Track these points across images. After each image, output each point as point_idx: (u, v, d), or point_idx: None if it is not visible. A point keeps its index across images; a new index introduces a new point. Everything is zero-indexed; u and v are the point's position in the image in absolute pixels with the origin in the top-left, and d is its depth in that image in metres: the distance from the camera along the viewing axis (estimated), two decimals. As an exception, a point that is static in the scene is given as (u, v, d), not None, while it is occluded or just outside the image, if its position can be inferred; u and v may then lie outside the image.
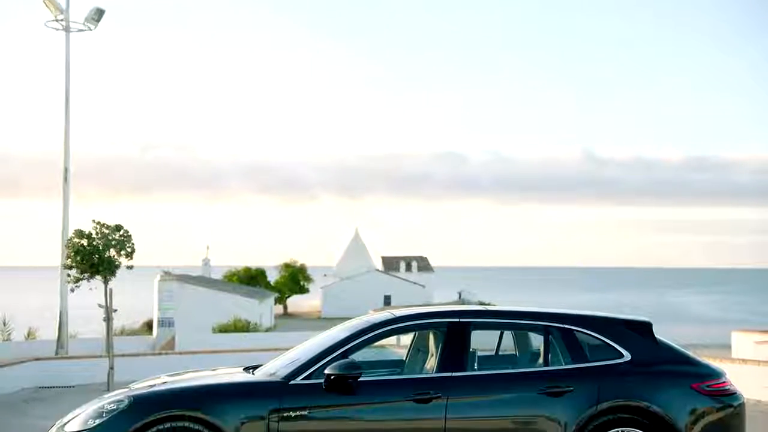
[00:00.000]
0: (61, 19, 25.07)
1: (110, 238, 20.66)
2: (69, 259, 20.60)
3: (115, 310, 16.59)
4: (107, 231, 20.78)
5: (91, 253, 20.27)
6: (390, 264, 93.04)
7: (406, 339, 7.66)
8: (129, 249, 20.93)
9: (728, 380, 6.67)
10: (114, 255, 20.58)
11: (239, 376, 6.60)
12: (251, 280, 75.79)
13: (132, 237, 21.17)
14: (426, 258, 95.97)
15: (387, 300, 75.63)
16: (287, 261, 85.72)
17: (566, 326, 6.61)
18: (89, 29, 25.38)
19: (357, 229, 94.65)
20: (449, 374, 6.26)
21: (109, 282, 20.20)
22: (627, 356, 6.51)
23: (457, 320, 6.57)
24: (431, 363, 6.61)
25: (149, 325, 49.88)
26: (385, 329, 6.54)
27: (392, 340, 7.96)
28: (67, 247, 20.84)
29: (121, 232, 20.96)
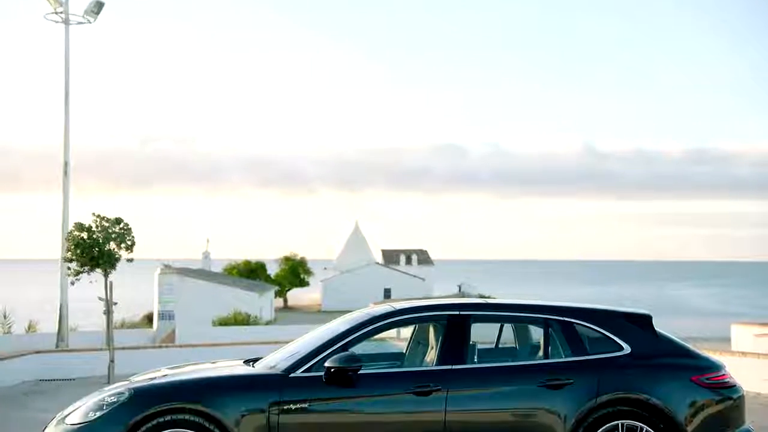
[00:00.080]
0: (61, 12, 25.00)
1: (110, 231, 20.66)
2: (69, 252, 20.60)
3: (116, 303, 16.60)
4: (107, 224, 20.78)
5: (91, 246, 20.28)
6: (390, 257, 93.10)
7: (406, 332, 7.67)
8: (129, 242, 20.93)
9: (728, 373, 6.67)
10: (114, 248, 20.59)
11: (239, 369, 6.60)
12: (251, 274, 75.82)
13: (132, 230, 21.17)
14: (426, 251, 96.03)
15: (387, 293, 75.66)
16: (287, 254, 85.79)
17: (566, 319, 6.61)
18: (89, 22, 25.32)
19: (357, 223, 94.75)
20: (449, 367, 6.27)
21: (109, 275, 20.21)
22: (627, 349, 6.52)
23: (457, 313, 6.57)
24: (431, 356, 6.62)
25: (149, 318, 49.93)
26: (385, 322, 6.54)
27: (392, 333, 7.97)
28: (67, 240, 20.85)
29: (121, 225, 20.96)
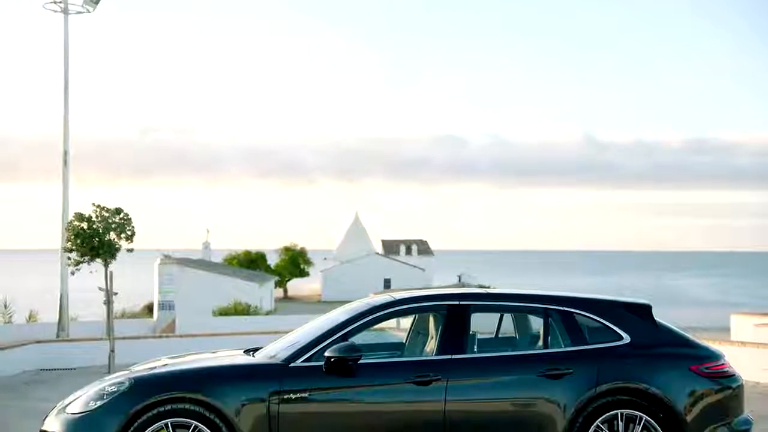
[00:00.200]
0: (60, 1, 24.93)
1: (110, 222, 20.67)
2: (69, 243, 20.62)
3: (116, 293, 16.63)
4: (107, 214, 20.80)
5: (91, 237, 20.30)
6: (390, 247, 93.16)
7: (406, 322, 7.68)
8: (129, 232, 20.95)
9: (727, 362, 6.68)
10: (114, 238, 20.61)
11: (240, 359, 6.62)
12: (251, 264, 75.85)
13: (132, 220, 21.19)
14: (426, 241, 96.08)
15: (387, 283, 75.73)
16: (287, 244, 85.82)
17: (566, 309, 6.62)
18: (88, 11, 25.26)
19: (357, 213, 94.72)
20: (449, 357, 6.28)
21: (110, 265, 20.23)
22: (626, 338, 6.53)
23: (457, 303, 6.58)
24: (431, 345, 6.63)
25: (149, 309, 49.98)
26: (385, 312, 6.55)
27: (392, 323, 7.98)
28: (67, 231, 20.86)
29: (121, 216, 20.98)
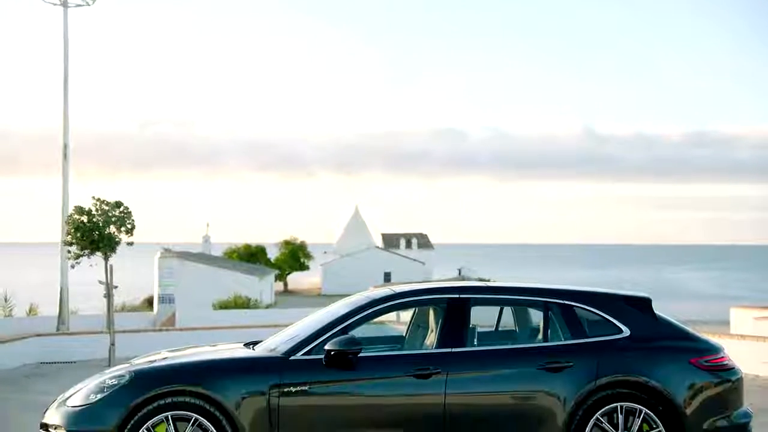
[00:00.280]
0: (59, -5, 24.90)
1: (110, 215, 20.65)
2: (69, 236, 20.61)
3: (116, 287, 16.63)
4: (107, 207, 20.78)
5: (91, 230, 20.28)
6: (390, 241, 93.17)
7: (406, 315, 7.68)
8: (129, 225, 20.93)
9: (726, 355, 6.69)
10: (114, 231, 20.60)
11: (240, 352, 6.62)
12: (251, 257, 75.91)
13: (132, 213, 21.18)
14: (426, 235, 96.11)
15: (387, 277, 75.77)
16: (287, 238, 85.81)
17: (566, 302, 6.62)
18: (87, 4, 25.23)
19: (357, 207, 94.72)
20: (449, 350, 6.28)
21: (110, 258, 20.23)
22: (626, 332, 6.53)
23: (457, 296, 6.58)
24: (431, 339, 6.63)
25: (150, 302, 50.02)
26: (385, 305, 6.55)
27: (392, 317, 7.98)
28: (67, 224, 20.85)
29: (121, 209, 20.96)
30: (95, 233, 20.24)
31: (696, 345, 6.62)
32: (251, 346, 6.79)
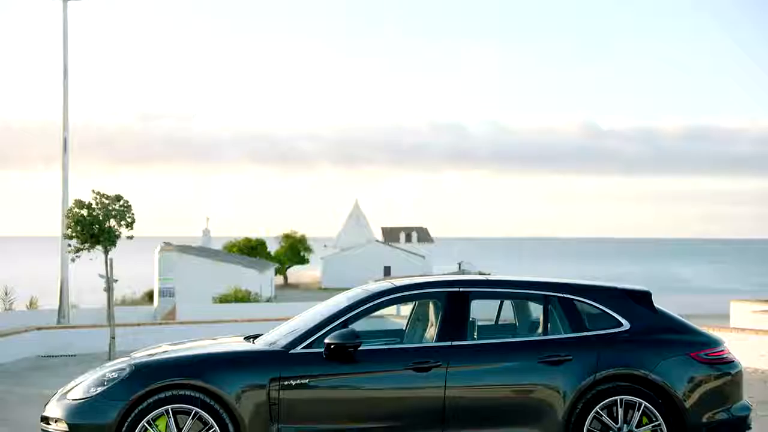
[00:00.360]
0: (59, -12, 24.85)
1: (110, 209, 20.69)
2: (69, 230, 20.64)
3: (116, 280, 16.63)
4: (107, 201, 20.81)
5: (92, 224, 20.32)
6: (390, 235, 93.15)
7: (406, 309, 7.68)
8: (129, 219, 20.98)
9: (726, 349, 6.70)
10: (114, 225, 20.63)
11: (240, 346, 6.62)
12: (251, 251, 75.83)
13: (132, 207, 21.20)
14: (426, 229, 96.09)
15: (387, 271, 75.77)
16: (287, 232, 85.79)
17: (566, 295, 6.62)
18: (87, -2, 25.17)
19: (357, 200, 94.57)
20: (449, 343, 6.29)
21: (110, 252, 20.26)
22: (626, 325, 6.53)
23: (457, 290, 6.58)
24: (431, 332, 6.63)
25: (150, 296, 50.05)
26: (385, 299, 6.55)
27: (392, 310, 7.99)
28: (68, 218, 20.87)
29: (121, 203, 21.00)
30: (95, 227, 20.27)
31: (696, 338, 6.62)
32: (251, 340, 6.79)
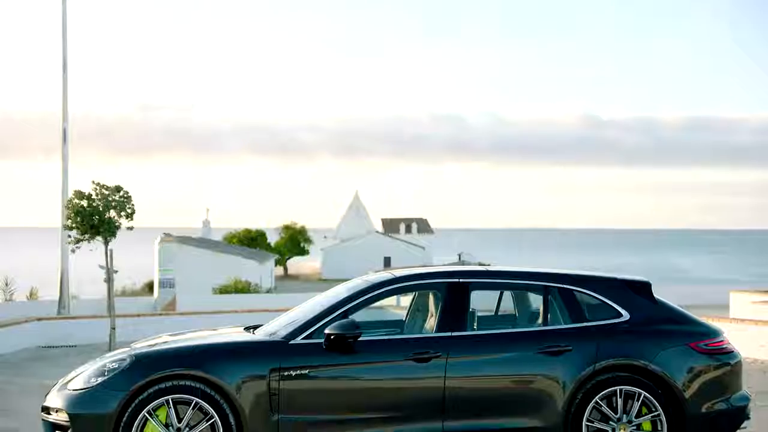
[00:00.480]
0: (58, -22, 24.78)
1: (110, 200, 20.68)
2: (69, 221, 20.63)
3: (116, 271, 16.66)
4: (107, 192, 20.80)
5: (91, 214, 20.31)
6: (390, 226, 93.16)
7: (406, 300, 7.69)
8: (129, 210, 20.96)
9: (726, 339, 6.70)
10: (114, 216, 20.62)
11: (240, 336, 6.63)
12: (251, 242, 75.85)
13: (132, 198, 21.19)
14: (426, 220, 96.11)
15: (387, 262, 75.80)
16: (287, 223, 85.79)
17: (565, 286, 6.63)
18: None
19: (357, 192, 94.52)
20: (449, 334, 6.29)
21: (110, 243, 20.26)
22: (626, 316, 6.54)
23: (457, 280, 6.59)
24: (431, 323, 6.64)
25: (150, 287, 50.08)
26: (385, 289, 6.55)
27: (392, 301, 7.99)
28: (68, 208, 20.86)
29: (121, 193, 20.98)
30: (95, 218, 20.27)
31: (695, 329, 6.63)
32: (251, 330, 6.79)
